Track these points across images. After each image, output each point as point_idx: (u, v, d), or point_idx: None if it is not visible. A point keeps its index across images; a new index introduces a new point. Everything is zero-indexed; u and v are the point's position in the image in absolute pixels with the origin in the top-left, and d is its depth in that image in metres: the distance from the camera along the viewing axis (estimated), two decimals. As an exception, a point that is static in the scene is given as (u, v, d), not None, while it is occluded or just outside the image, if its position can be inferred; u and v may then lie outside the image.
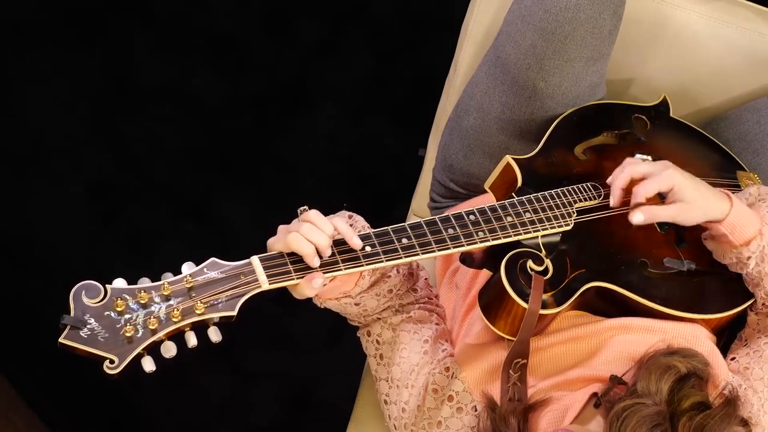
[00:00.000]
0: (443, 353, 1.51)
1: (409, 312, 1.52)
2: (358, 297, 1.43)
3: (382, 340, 1.51)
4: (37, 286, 2.50)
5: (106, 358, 1.18)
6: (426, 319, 1.53)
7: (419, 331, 1.51)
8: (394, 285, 1.47)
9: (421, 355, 1.50)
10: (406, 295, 1.52)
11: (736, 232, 1.47)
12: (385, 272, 1.45)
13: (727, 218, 1.46)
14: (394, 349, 1.50)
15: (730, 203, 1.46)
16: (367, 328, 1.53)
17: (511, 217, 1.45)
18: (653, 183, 1.45)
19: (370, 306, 1.46)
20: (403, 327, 1.51)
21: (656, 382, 1.31)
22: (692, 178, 1.47)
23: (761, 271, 1.50)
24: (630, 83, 1.90)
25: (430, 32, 2.66)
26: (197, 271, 1.26)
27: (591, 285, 1.45)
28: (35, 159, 2.59)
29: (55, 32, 2.65)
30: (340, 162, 2.62)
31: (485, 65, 1.76)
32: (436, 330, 1.53)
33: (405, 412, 1.48)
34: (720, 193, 1.48)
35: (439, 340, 1.53)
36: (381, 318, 1.51)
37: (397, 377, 1.50)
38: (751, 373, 1.46)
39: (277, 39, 2.66)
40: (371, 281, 1.43)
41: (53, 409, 2.46)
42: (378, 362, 1.52)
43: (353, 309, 1.46)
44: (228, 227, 2.57)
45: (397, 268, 1.47)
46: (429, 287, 1.58)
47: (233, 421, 2.48)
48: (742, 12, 1.85)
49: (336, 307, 1.45)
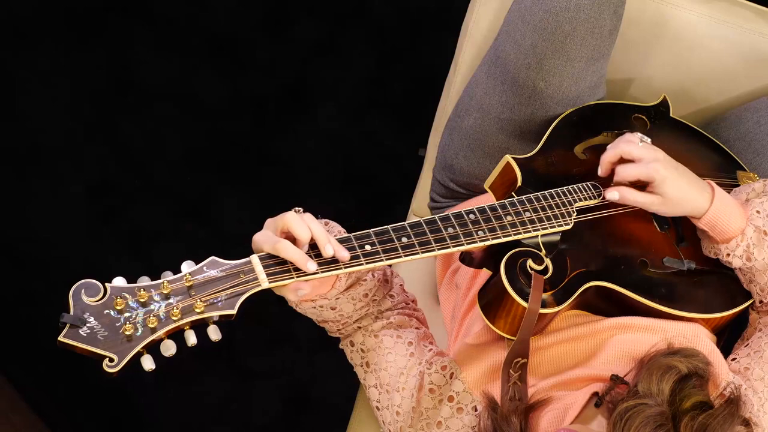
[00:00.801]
0: (430, 353, 1.51)
1: (388, 318, 1.51)
2: (335, 300, 1.42)
3: (366, 347, 1.50)
4: (37, 286, 2.50)
5: (105, 357, 1.18)
6: (406, 323, 1.53)
7: (402, 335, 1.51)
8: (369, 289, 1.46)
9: (407, 358, 1.49)
10: (383, 301, 1.51)
11: (717, 229, 1.49)
12: (361, 276, 1.44)
13: (705, 216, 1.49)
14: (379, 355, 1.49)
15: (710, 199, 1.48)
16: (349, 339, 1.52)
17: (510, 216, 1.44)
18: (635, 170, 1.49)
19: (346, 311, 1.45)
20: (384, 333, 1.50)
21: (657, 383, 1.31)
22: (677, 171, 1.49)
23: (752, 268, 1.51)
24: (630, 83, 1.90)
25: (430, 32, 2.66)
26: (197, 269, 1.26)
27: (591, 284, 1.45)
28: (35, 159, 2.59)
29: (55, 32, 2.65)
30: (340, 162, 2.62)
31: (485, 65, 1.76)
32: (417, 333, 1.53)
33: (399, 416, 1.47)
34: (703, 190, 1.49)
35: (422, 342, 1.52)
36: (361, 327, 1.50)
37: (385, 382, 1.49)
38: (751, 374, 1.46)
39: (277, 39, 2.66)
40: (347, 284, 1.42)
41: (53, 409, 2.46)
42: (365, 370, 1.51)
43: (329, 314, 1.44)
44: (228, 227, 2.57)
45: (372, 272, 1.47)
46: (405, 292, 1.57)
47: (233, 421, 2.48)
48: (742, 12, 1.85)
49: (312, 312, 1.44)
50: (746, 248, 1.49)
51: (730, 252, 1.50)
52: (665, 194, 1.48)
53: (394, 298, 1.53)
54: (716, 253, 1.53)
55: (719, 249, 1.51)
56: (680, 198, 1.48)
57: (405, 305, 1.55)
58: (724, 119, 1.87)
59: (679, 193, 1.48)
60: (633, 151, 1.50)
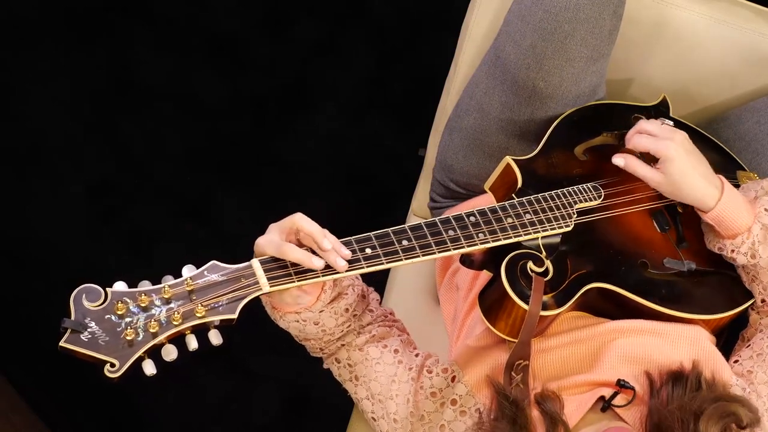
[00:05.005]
0: (419, 358, 1.51)
1: (370, 332, 1.51)
2: (318, 314, 1.41)
3: (352, 361, 1.50)
4: (37, 287, 2.50)
5: (106, 362, 1.18)
6: (388, 334, 1.53)
7: (387, 344, 1.51)
8: (350, 303, 1.46)
9: (396, 365, 1.49)
10: (363, 315, 1.51)
11: (724, 224, 1.49)
12: (342, 290, 1.44)
13: (713, 211, 1.49)
14: (367, 366, 1.49)
15: (719, 196, 1.48)
16: (334, 356, 1.51)
17: (511, 218, 1.44)
18: (647, 141, 1.51)
19: (328, 326, 1.44)
20: (369, 345, 1.50)
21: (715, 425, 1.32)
22: (689, 156, 1.50)
23: (756, 265, 1.51)
24: (630, 83, 1.90)
25: (430, 32, 2.66)
26: (198, 274, 1.26)
27: (591, 286, 1.45)
28: (35, 159, 2.59)
29: (55, 32, 2.65)
30: (340, 162, 2.62)
31: (485, 65, 1.76)
32: (401, 340, 1.53)
33: (397, 423, 1.47)
34: (712, 184, 1.50)
35: (407, 348, 1.52)
36: (345, 344, 1.50)
37: (377, 392, 1.49)
38: (755, 377, 1.46)
39: (278, 39, 2.66)
40: (331, 296, 1.42)
41: (53, 409, 2.46)
42: (355, 384, 1.51)
43: (312, 329, 1.43)
44: (228, 227, 2.57)
45: (352, 287, 1.46)
46: (381, 307, 1.57)
47: (233, 422, 2.48)
48: (742, 12, 1.85)
49: (295, 326, 1.43)
50: (751, 245, 1.49)
51: (735, 248, 1.50)
52: (668, 174, 1.49)
53: (373, 312, 1.53)
54: (721, 248, 1.53)
55: (724, 244, 1.51)
56: (683, 183, 1.49)
57: (384, 318, 1.55)
58: (724, 119, 1.87)
59: (683, 177, 1.48)
60: (649, 127, 1.53)
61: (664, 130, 1.52)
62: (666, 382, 1.39)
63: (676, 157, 1.48)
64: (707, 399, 1.34)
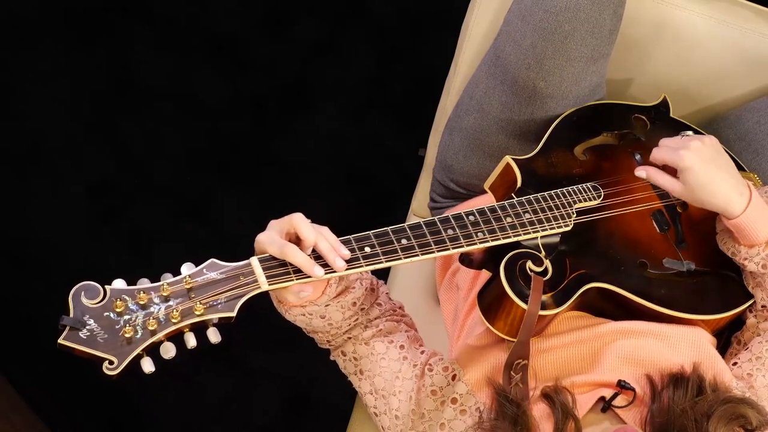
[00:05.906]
0: (424, 355, 1.51)
1: (377, 326, 1.51)
2: (324, 307, 1.42)
3: (358, 355, 1.50)
4: (36, 286, 2.50)
5: (105, 359, 1.18)
6: (395, 329, 1.53)
7: (393, 340, 1.50)
8: (357, 297, 1.46)
9: (400, 361, 1.49)
10: (371, 309, 1.51)
11: (743, 233, 1.48)
12: (349, 284, 1.44)
13: (736, 219, 1.47)
14: (372, 361, 1.49)
15: (746, 205, 1.47)
16: (340, 349, 1.51)
17: (510, 217, 1.44)
18: (665, 153, 1.52)
19: (335, 319, 1.44)
20: (375, 340, 1.50)
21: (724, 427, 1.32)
22: (709, 164, 1.48)
23: (765, 275, 1.50)
24: (630, 83, 1.90)
25: (430, 32, 2.66)
26: (197, 272, 1.26)
27: (590, 286, 1.45)
28: (35, 159, 2.59)
29: (55, 32, 2.65)
30: (340, 162, 2.62)
31: (485, 65, 1.76)
32: (408, 336, 1.53)
33: (399, 419, 1.47)
34: (738, 191, 1.48)
35: (413, 345, 1.52)
36: (351, 337, 1.50)
37: (381, 387, 1.49)
38: (755, 381, 1.46)
39: (278, 39, 2.66)
40: (337, 290, 1.42)
41: (53, 409, 2.46)
42: (359, 378, 1.51)
43: (319, 322, 1.44)
44: (228, 227, 2.57)
45: (360, 280, 1.47)
46: (391, 300, 1.57)
47: (233, 421, 2.48)
48: (742, 12, 1.85)
49: (301, 320, 1.43)
50: (765, 257, 1.49)
51: (749, 257, 1.50)
52: (687, 183, 1.48)
53: (381, 306, 1.53)
54: (734, 253, 1.52)
55: (738, 250, 1.50)
56: (702, 191, 1.48)
57: (392, 312, 1.55)
58: (724, 119, 1.87)
59: (701, 185, 1.47)
60: (667, 141, 1.54)
61: (681, 141, 1.52)
62: (667, 385, 1.38)
63: (692, 166, 1.47)
64: (716, 401, 1.34)
